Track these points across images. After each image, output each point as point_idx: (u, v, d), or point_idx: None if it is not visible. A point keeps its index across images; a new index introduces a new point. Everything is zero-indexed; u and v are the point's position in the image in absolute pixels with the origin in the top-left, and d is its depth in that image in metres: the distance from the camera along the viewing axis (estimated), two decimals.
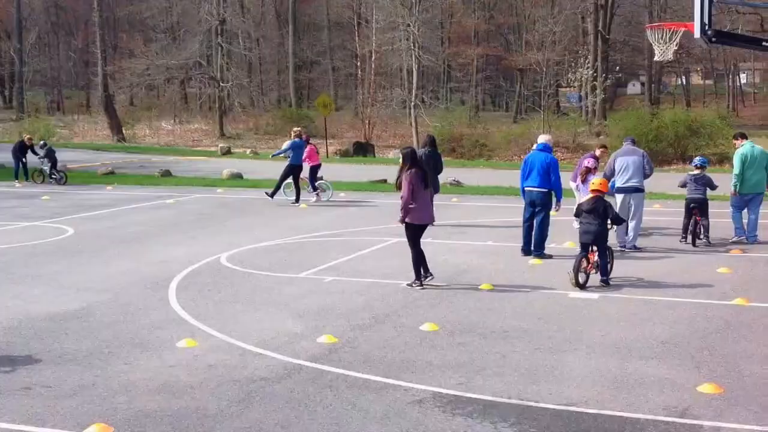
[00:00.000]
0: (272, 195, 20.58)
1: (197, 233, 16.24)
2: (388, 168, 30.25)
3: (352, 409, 6.85)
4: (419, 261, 11.42)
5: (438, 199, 17.84)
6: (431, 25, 50.45)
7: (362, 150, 41.09)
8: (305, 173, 20.97)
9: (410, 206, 11.22)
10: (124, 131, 50.22)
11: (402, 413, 6.77)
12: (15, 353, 8.33)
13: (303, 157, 20.71)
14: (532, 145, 17.37)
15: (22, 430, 6.38)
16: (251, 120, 56.38)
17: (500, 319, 9.71)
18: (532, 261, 13.22)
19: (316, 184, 21.13)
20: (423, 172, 11.42)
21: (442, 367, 7.91)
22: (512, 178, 23.16)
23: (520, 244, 13.82)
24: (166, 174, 28.44)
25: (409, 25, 42.36)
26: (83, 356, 8.26)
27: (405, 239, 11.73)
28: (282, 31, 68.09)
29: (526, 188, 13.71)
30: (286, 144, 20.98)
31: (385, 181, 26.00)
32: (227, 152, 40.59)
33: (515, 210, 17.75)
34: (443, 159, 18.20)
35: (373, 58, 47.10)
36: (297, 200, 20.52)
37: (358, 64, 50.38)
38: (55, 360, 8.15)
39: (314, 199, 20.85)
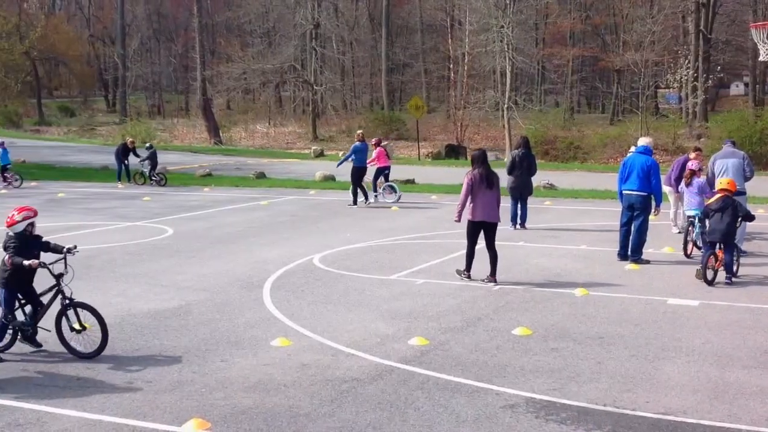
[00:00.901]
0: (355, 202, 20.98)
1: (290, 234, 16.49)
2: None
3: (443, 411, 6.83)
4: (470, 255, 11.96)
5: (531, 203, 17.67)
6: (525, 26, 49.83)
7: (454, 152, 40.96)
8: (369, 175, 21.27)
9: (464, 205, 11.82)
10: (221, 134, 51.44)
11: (494, 417, 6.70)
12: (118, 349, 8.62)
13: (369, 160, 21.29)
14: (629, 148, 16.98)
15: (125, 423, 6.59)
16: (344, 122, 56.95)
17: (595, 324, 9.52)
18: (629, 266, 12.91)
19: (386, 185, 21.63)
20: (487, 173, 11.80)
21: (535, 372, 7.80)
22: (608, 181, 22.71)
23: (615, 248, 13.52)
24: (261, 176, 28.99)
25: (502, 27, 42.00)
26: (182, 353, 8.49)
27: (497, 242, 11.78)
28: (375, 34, 68.54)
29: (624, 191, 13.39)
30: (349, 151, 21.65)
31: None
32: (320, 155, 41.11)
33: (610, 214, 17.39)
34: (536, 161, 17.97)
35: (465, 60, 46.91)
36: (366, 199, 21.06)
37: (451, 66, 50.25)
38: (156, 356, 8.40)
39: (372, 200, 21.31)
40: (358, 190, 21.10)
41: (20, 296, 8.42)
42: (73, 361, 8.23)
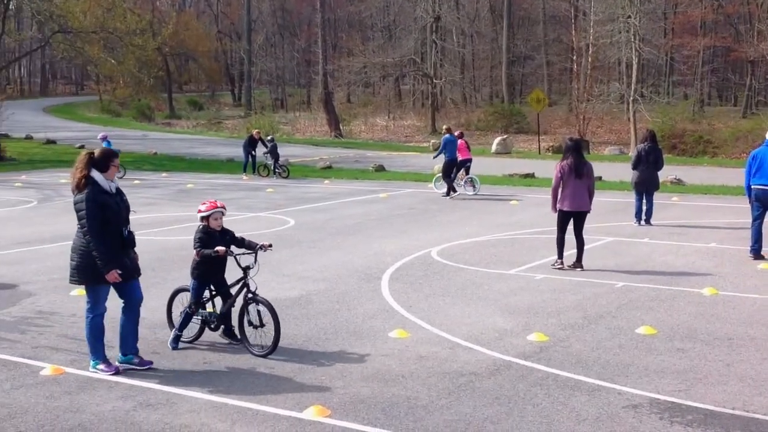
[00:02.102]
0: (448, 193, 21.35)
1: (408, 227, 16.57)
2: (602, 165, 29.34)
3: (563, 409, 6.71)
4: (560, 243, 12.26)
5: (657, 198, 17.12)
6: (653, 16, 48.19)
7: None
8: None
9: (556, 195, 12.17)
10: (341, 127, 52.17)
11: (616, 417, 6.53)
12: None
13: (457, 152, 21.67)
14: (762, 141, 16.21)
15: (248, 407, 6.79)
16: (463, 116, 56.69)
17: (724, 325, 9.14)
18: (762, 265, 12.32)
19: (467, 178, 21.90)
20: (576, 163, 12.02)
21: (659, 373, 7.56)
22: (740, 177, 21.72)
23: (747, 246, 12.93)
24: (380, 169, 29.24)
25: (629, 17, 40.79)
26: (303, 341, 8.67)
27: (620, 238, 11.47)
28: (496, 26, 67.90)
29: (753, 186, 12.79)
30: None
31: (599, 178, 25.25)
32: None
33: (743, 211, 16.65)
34: (663, 156, 17.37)
35: (589, 51, 45.79)
36: (448, 194, 21.34)
37: (574, 57, 49.17)
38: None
39: (455, 192, 21.54)
40: (446, 183, 21.50)
41: (212, 287, 8.51)
42: (199, 344, 8.54)
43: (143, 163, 33.78)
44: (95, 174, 7.50)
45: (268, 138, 29.04)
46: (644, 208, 16.41)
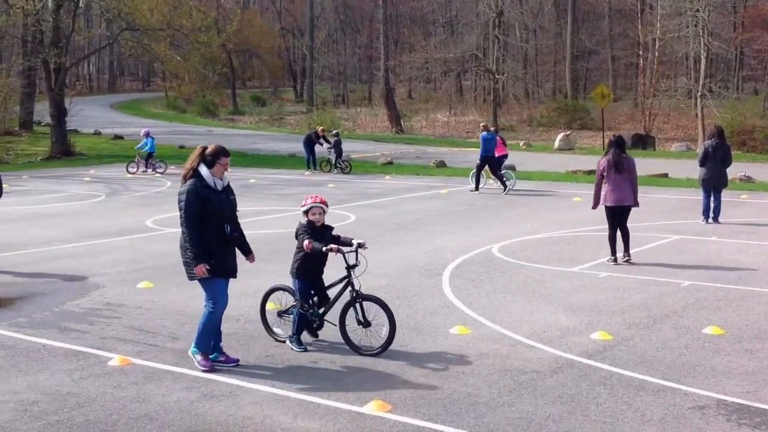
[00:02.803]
0: (476, 188, 21.89)
1: (469, 223, 16.49)
2: (668, 162, 28.82)
3: (627, 409, 6.60)
4: (612, 239, 12.37)
5: (725, 196, 16.72)
6: (722, 10, 47.15)
7: (641, 143, 39.39)
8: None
9: (598, 192, 12.48)
10: (402, 123, 52.17)
11: (681, 418, 6.40)
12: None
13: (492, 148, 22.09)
14: None
15: (310, 401, 6.84)
16: (525, 112, 56.21)
17: None
18: None
19: (501, 173, 22.04)
20: (616, 159, 12.18)
21: (727, 374, 7.38)
22: None
23: None
24: (441, 165, 29.18)
25: (698, 11, 39.87)
26: (365, 336, 8.68)
27: (687, 236, 11.25)
28: (560, 20, 67.07)
29: None
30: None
31: (665, 175, 24.79)
32: None
33: None
34: (732, 152, 16.95)
35: (656, 46, 44.94)
36: (476, 188, 21.77)
37: (640, 52, 48.31)
38: (339, 338, 8.63)
39: (482, 188, 22.02)
40: (473, 178, 22.19)
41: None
42: (262, 338, 8.63)
43: None
44: (202, 168, 7.52)
45: (333, 133, 29.23)
46: (712, 205, 16.04)
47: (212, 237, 7.45)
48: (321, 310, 8.33)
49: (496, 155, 21.92)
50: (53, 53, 35.52)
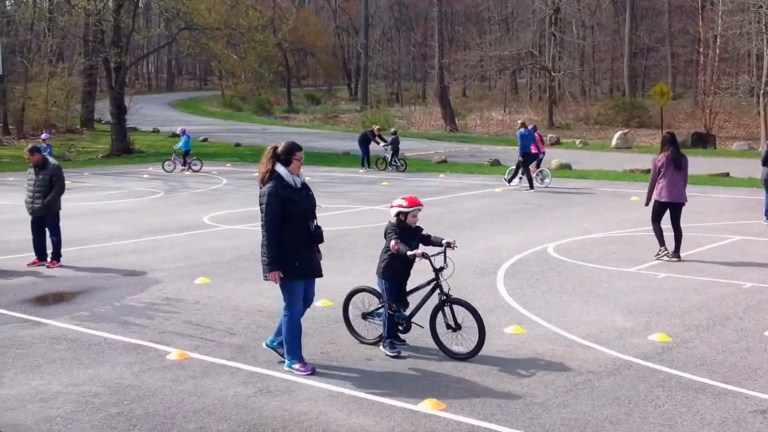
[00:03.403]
0: (511, 179, 22.61)
1: (524, 222, 16.37)
2: (729, 161, 28.22)
3: (686, 412, 6.48)
4: (660, 231, 12.46)
5: None
6: None
7: (701, 141, 38.65)
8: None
9: (653, 188, 12.45)
10: (456, 121, 52.01)
11: (742, 422, 6.27)
12: (360, 328, 8.98)
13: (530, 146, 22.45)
14: None
15: (364, 398, 6.86)
16: (582, 110, 55.56)
17: None
18: None
19: (538, 171, 22.66)
20: (675, 155, 12.31)
21: None
22: None
23: None
24: (495, 163, 29.05)
25: (761, 6, 38.92)
26: (418, 334, 8.67)
27: (749, 237, 11.03)
28: (618, 17, 66.11)
29: None
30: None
31: (727, 174, 24.29)
32: (556, 142, 40.44)
33: None
34: None
35: (717, 42, 44.03)
36: (531, 187, 21.85)
37: (701, 49, 47.39)
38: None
39: (516, 183, 22.53)
40: (516, 172, 22.56)
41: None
42: (317, 334, 8.69)
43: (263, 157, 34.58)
44: (280, 168, 7.33)
45: (391, 131, 29.33)
46: None
47: (296, 237, 7.28)
48: (407, 313, 8.09)
49: (532, 152, 22.17)
50: (114, 52, 36.26)
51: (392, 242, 7.82)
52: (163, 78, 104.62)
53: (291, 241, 7.27)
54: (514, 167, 22.83)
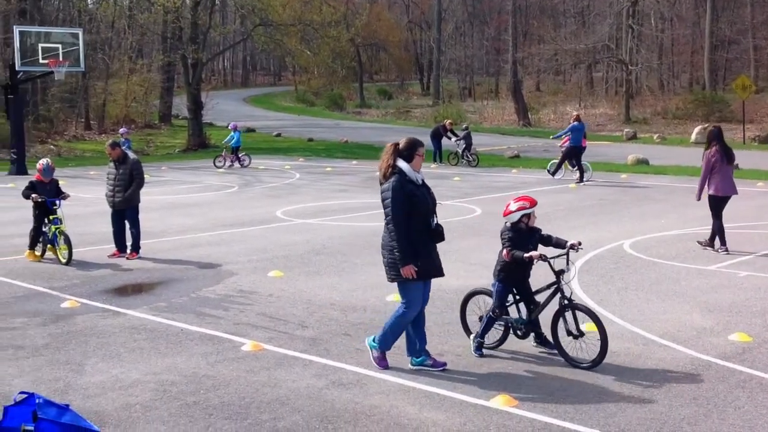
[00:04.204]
0: (554, 173, 23.08)
1: (599, 218, 16.10)
2: None
3: (767, 414, 6.28)
4: (720, 230, 12.55)
5: None
6: None
7: None
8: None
9: (705, 183, 12.68)
10: (529, 116, 51.46)
11: None
12: (429, 321, 8.94)
13: (563, 140, 23.20)
14: None
15: (435, 392, 6.85)
16: (659, 104, 54.30)
17: None
18: None
19: (582, 164, 22.81)
20: (725, 149, 12.57)
21: None
22: None
23: None
24: None
25: None
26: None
27: None
28: (698, 9, 64.32)
29: None
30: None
31: None
32: (632, 137, 39.66)
33: None
34: None
35: None
36: (581, 179, 22.20)
37: None
38: (458, 333, 8.62)
39: (560, 176, 23.14)
40: (561, 166, 23.08)
41: (515, 291, 7.90)
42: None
43: (335, 151, 34.91)
44: (401, 164, 7.15)
45: (463, 126, 29.20)
46: None
47: (417, 235, 7.11)
48: (529, 317, 7.80)
49: (582, 146, 22.71)
50: (191, 49, 36.98)
51: (504, 252, 7.56)
52: (238, 74, 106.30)
53: (412, 240, 7.09)
54: (557, 160, 23.60)
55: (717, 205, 12.65)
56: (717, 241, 12.62)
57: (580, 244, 7.75)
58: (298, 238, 14.44)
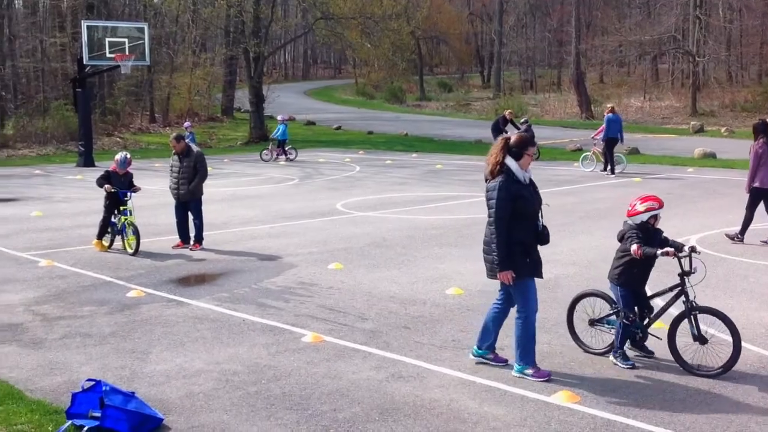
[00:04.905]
0: (612, 171, 22.72)
1: (664, 213, 15.67)
2: None
3: None
4: (748, 222, 12.89)
5: None
6: None
7: None
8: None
9: (754, 175, 12.79)
10: (592, 108, 50.71)
11: None
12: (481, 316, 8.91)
13: (597, 132, 23.78)
14: None
15: (496, 387, 6.80)
16: (727, 96, 52.99)
17: None
18: None
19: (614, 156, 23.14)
20: None
21: None
22: None
23: None
24: (634, 152, 28.12)
25: None
26: (550, 325, 8.54)
27: None
28: None
29: None
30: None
31: None
32: (699, 130, 38.80)
33: None
34: None
35: None
36: (612, 172, 22.53)
37: None
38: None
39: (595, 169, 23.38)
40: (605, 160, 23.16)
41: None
42: (447, 321, 8.66)
43: (395, 144, 34.91)
44: (510, 162, 6.92)
45: (522, 120, 28.91)
46: None
47: (525, 235, 6.92)
48: (645, 322, 7.50)
49: (610, 136, 22.87)
50: (253, 43, 37.35)
51: (634, 246, 7.15)
52: (299, 67, 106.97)
53: (520, 240, 6.91)
54: (589, 153, 24.22)
55: (759, 197, 12.88)
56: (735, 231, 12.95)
57: (697, 247, 7.52)
58: (358, 230, 14.48)
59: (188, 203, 13.09)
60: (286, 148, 29.34)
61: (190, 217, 13.17)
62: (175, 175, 13.10)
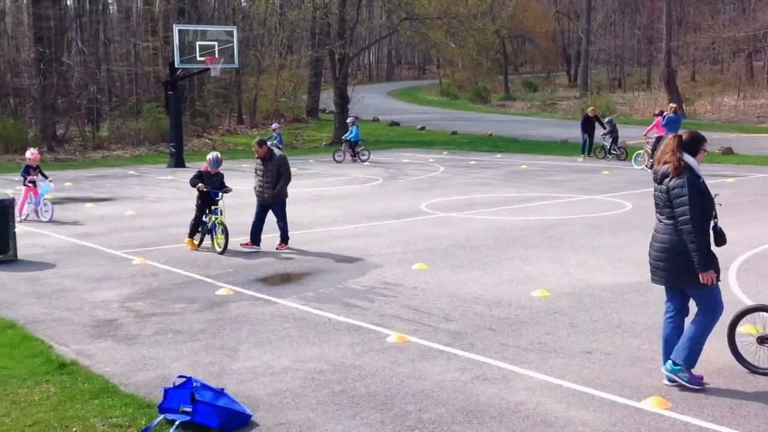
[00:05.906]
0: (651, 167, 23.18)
1: (760, 214, 15.26)
2: None
3: None
4: None
5: None
6: None
7: None
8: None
9: None
10: (684, 107, 49.35)
11: None
12: (576, 319, 8.78)
13: (648, 129, 24.09)
14: None
15: (583, 391, 6.69)
16: None
17: None
18: None
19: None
20: None
21: None
22: None
23: None
24: (728, 152, 27.27)
25: None
26: (640, 329, 8.36)
27: None
28: None
29: None
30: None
31: None
32: None
33: None
34: None
35: None
36: (651, 167, 22.52)
37: None
38: (614, 329, 8.38)
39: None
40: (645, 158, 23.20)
41: None
42: (533, 323, 8.56)
43: (479, 144, 34.72)
44: (688, 158, 6.69)
45: (606, 120, 28.35)
46: None
47: (705, 235, 6.70)
48: None
49: (658, 135, 22.59)
50: (338, 44, 37.70)
51: None
52: (383, 68, 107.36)
53: (707, 240, 6.70)
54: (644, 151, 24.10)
55: None
56: None
57: None
58: (442, 231, 14.45)
59: (272, 205, 13.29)
60: (358, 150, 29.45)
61: (275, 218, 13.31)
62: (259, 178, 13.32)
